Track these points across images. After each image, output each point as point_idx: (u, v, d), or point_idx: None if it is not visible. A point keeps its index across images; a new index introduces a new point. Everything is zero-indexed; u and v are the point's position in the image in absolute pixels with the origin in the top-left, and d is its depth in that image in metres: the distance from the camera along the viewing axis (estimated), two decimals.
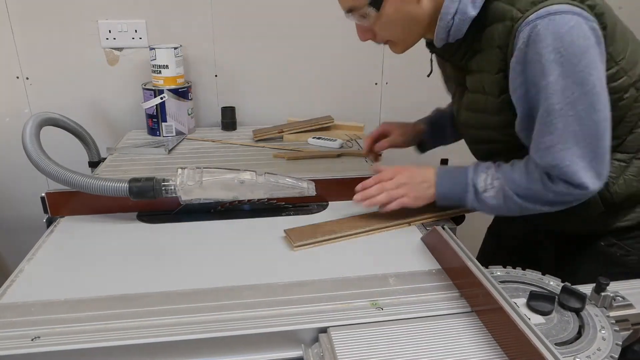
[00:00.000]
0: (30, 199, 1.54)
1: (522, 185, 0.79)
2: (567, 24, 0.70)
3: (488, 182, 0.82)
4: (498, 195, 0.81)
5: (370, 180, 0.90)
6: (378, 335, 0.60)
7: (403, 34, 0.85)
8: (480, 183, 0.83)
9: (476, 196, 0.83)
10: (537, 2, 0.72)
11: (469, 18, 0.78)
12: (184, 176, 0.87)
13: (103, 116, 1.52)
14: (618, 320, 0.65)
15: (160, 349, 0.59)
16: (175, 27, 1.45)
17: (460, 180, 0.84)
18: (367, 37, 0.88)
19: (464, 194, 0.84)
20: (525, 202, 0.80)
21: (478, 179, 0.83)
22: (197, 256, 0.80)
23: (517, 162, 0.82)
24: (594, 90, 0.72)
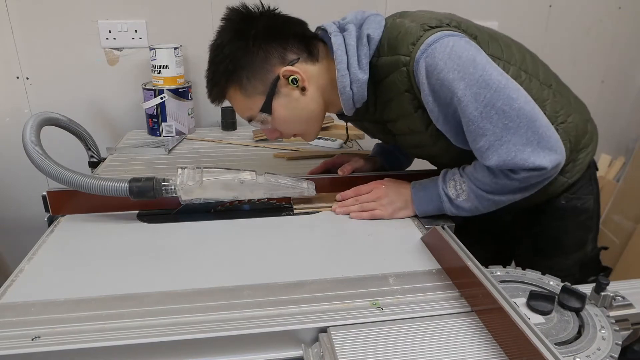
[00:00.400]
0: (30, 199, 1.54)
1: (488, 182, 0.82)
2: (447, 45, 0.77)
3: (458, 188, 0.86)
4: (470, 197, 0.85)
5: (349, 192, 0.95)
6: (378, 335, 0.60)
7: (303, 125, 0.92)
8: (451, 190, 0.87)
9: (451, 204, 0.87)
10: (414, 42, 0.80)
11: (365, 81, 0.84)
12: (184, 176, 0.87)
13: (103, 116, 1.52)
14: (618, 319, 0.65)
15: (160, 349, 0.59)
16: (175, 27, 1.45)
17: (433, 192, 0.89)
18: (275, 136, 0.93)
19: (440, 204, 0.88)
20: (497, 196, 0.84)
21: (447, 187, 0.87)
22: (197, 256, 0.80)
23: (478, 162, 0.84)
24: (501, 84, 0.76)
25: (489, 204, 0.85)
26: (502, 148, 0.77)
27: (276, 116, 0.87)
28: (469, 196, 0.85)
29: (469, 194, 0.85)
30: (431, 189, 0.89)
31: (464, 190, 0.85)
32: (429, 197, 0.89)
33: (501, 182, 0.81)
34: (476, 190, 0.84)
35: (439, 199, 0.88)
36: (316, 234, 0.88)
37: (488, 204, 0.85)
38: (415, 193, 0.91)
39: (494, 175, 0.82)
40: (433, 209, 0.89)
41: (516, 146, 0.77)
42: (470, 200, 0.85)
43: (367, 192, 0.94)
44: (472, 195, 0.85)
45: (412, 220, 0.91)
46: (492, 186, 0.83)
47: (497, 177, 0.81)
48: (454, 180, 0.87)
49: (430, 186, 0.90)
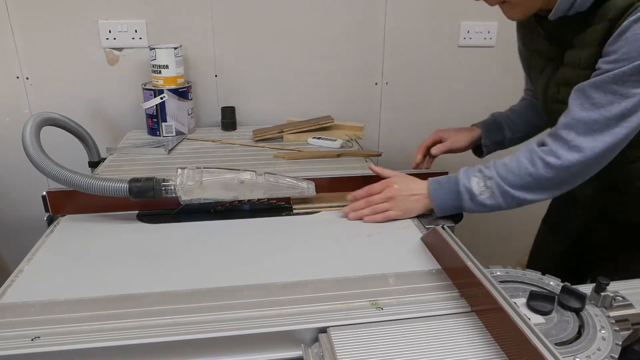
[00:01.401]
0: (30, 199, 1.54)
1: (522, 175, 0.81)
2: None
3: (482, 185, 0.85)
4: (495, 194, 0.84)
5: (360, 192, 0.94)
6: (378, 335, 0.60)
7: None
8: (474, 186, 0.85)
9: (472, 200, 0.85)
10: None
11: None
12: (183, 176, 0.87)
13: (103, 116, 1.52)
14: (618, 320, 0.65)
15: (160, 349, 0.59)
16: (175, 27, 1.45)
17: (454, 188, 0.87)
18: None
19: (459, 201, 0.87)
20: (524, 193, 0.82)
21: (471, 183, 0.85)
22: (197, 256, 0.80)
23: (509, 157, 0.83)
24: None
25: (513, 203, 0.84)
26: (596, 134, 0.75)
27: None
28: (493, 193, 0.84)
29: (494, 191, 0.84)
30: (451, 184, 0.87)
31: (488, 187, 0.84)
32: (448, 192, 0.88)
33: (536, 174, 0.80)
34: (503, 186, 0.83)
35: (459, 195, 0.86)
36: (316, 234, 0.88)
37: (512, 203, 0.84)
38: (433, 188, 0.89)
39: (532, 165, 0.81)
40: (451, 205, 0.88)
41: (607, 144, 0.76)
42: (494, 197, 0.84)
43: (378, 191, 0.92)
44: (497, 192, 0.83)
45: (412, 220, 0.91)
46: (524, 180, 0.81)
47: (535, 167, 0.80)
48: (476, 176, 0.85)
49: (449, 182, 0.88)
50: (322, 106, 1.59)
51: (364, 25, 1.55)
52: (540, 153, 0.81)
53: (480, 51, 1.65)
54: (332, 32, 1.54)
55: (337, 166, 1.20)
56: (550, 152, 0.80)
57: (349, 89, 1.62)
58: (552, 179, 0.81)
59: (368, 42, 1.58)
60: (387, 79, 1.63)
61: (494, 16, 1.62)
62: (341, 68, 1.59)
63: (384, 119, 1.69)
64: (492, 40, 1.64)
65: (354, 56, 1.58)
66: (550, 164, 0.80)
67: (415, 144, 1.76)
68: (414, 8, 1.56)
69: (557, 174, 0.80)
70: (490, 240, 1.92)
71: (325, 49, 1.55)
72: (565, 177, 0.81)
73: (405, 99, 1.67)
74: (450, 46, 1.63)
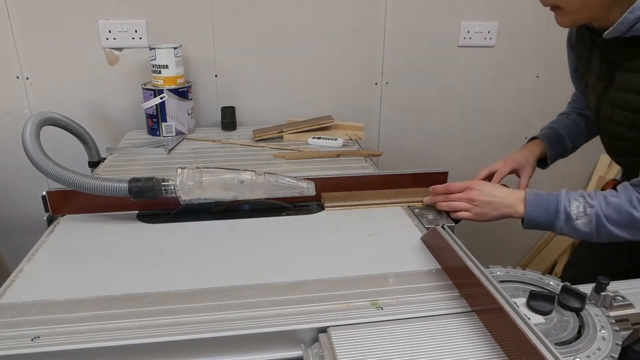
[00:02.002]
0: (30, 199, 1.54)
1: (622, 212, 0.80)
2: None
3: (581, 210, 0.83)
4: (592, 223, 0.82)
5: (440, 187, 0.95)
6: (378, 335, 0.60)
7: (579, 4, 0.80)
8: (574, 210, 0.83)
9: (567, 222, 0.84)
10: None
11: None
12: (183, 176, 0.87)
13: (103, 116, 1.52)
14: (618, 319, 0.65)
15: (160, 349, 0.59)
16: (175, 27, 1.45)
17: (552, 205, 0.85)
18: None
19: (553, 220, 0.85)
20: (620, 230, 0.81)
21: (571, 206, 0.83)
22: (197, 256, 0.80)
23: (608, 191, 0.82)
24: None
25: (607, 237, 0.82)
26: None
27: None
28: (590, 221, 0.82)
29: (592, 219, 0.82)
30: (550, 201, 0.86)
31: (587, 215, 0.82)
32: (545, 208, 0.86)
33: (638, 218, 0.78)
34: (601, 219, 0.81)
35: (556, 213, 0.84)
36: (316, 234, 0.88)
37: (606, 236, 0.82)
38: (531, 199, 0.87)
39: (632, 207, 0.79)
40: (544, 220, 0.86)
41: None
42: (589, 226, 0.82)
43: (458, 191, 0.93)
44: (595, 222, 0.81)
45: (412, 220, 0.91)
46: (624, 218, 0.80)
47: (637, 209, 0.78)
48: (578, 201, 0.83)
49: (549, 198, 0.86)
50: (322, 106, 1.59)
51: (364, 25, 1.55)
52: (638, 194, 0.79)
53: (480, 51, 1.65)
54: (332, 32, 1.54)
55: (338, 166, 1.20)
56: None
57: (349, 89, 1.62)
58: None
59: (368, 42, 1.58)
60: (387, 79, 1.63)
61: (494, 16, 1.62)
62: (341, 68, 1.59)
63: (384, 119, 1.69)
64: (492, 40, 1.64)
65: (354, 56, 1.58)
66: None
67: (416, 144, 1.77)
68: (414, 8, 1.56)
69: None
70: (490, 240, 1.92)
71: (325, 49, 1.55)
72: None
73: (405, 99, 1.67)
74: (450, 46, 1.63)
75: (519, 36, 1.65)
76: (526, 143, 1.13)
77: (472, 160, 1.78)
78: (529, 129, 1.77)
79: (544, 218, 0.86)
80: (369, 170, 1.17)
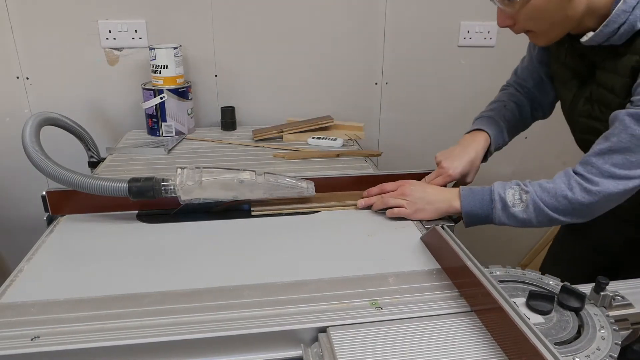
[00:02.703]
0: (30, 199, 1.54)
1: (558, 197, 0.80)
2: None
3: (517, 197, 0.83)
4: (528, 209, 0.82)
5: (374, 189, 0.96)
6: (377, 335, 0.60)
7: (548, 26, 0.82)
8: (509, 197, 0.84)
9: (504, 211, 0.84)
10: None
11: (635, 31, 0.77)
12: (183, 176, 0.87)
13: (103, 116, 1.52)
14: (617, 319, 0.65)
15: (160, 349, 0.59)
16: (175, 27, 1.45)
17: (486, 196, 0.86)
18: (506, 23, 0.85)
19: (490, 210, 0.85)
20: (558, 215, 0.81)
21: (506, 194, 0.84)
22: (197, 256, 0.80)
23: (544, 180, 0.83)
24: None
25: (544, 221, 0.83)
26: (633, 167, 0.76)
27: (533, 2, 0.78)
28: (527, 207, 0.82)
29: (529, 205, 0.82)
30: (485, 192, 0.87)
31: (523, 201, 0.83)
32: (480, 200, 0.86)
33: (573, 198, 0.79)
34: (539, 203, 0.82)
35: (491, 202, 0.85)
36: (316, 234, 0.88)
37: (544, 220, 0.83)
38: (465, 194, 0.88)
39: (569, 188, 0.80)
40: (481, 212, 0.86)
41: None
42: (527, 212, 0.83)
43: (392, 189, 0.94)
44: (532, 208, 0.82)
45: (411, 220, 0.91)
46: (560, 202, 0.81)
47: (573, 191, 0.80)
48: (513, 189, 0.84)
49: (483, 190, 0.87)
50: (322, 106, 1.59)
51: (364, 25, 1.55)
52: (578, 178, 0.80)
53: (480, 51, 1.65)
54: (332, 32, 1.54)
55: (337, 166, 1.20)
56: (587, 178, 0.79)
57: (349, 89, 1.62)
58: (589, 205, 0.79)
59: (368, 42, 1.58)
60: (387, 79, 1.63)
61: (494, 16, 1.62)
62: (341, 68, 1.59)
63: (384, 119, 1.69)
64: (492, 40, 1.64)
65: (354, 56, 1.58)
66: (587, 189, 0.79)
67: (416, 144, 1.77)
68: (413, 8, 1.56)
69: (594, 200, 0.79)
70: (490, 240, 1.92)
71: (325, 49, 1.55)
72: (602, 203, 0.80)
73: (405, 99, 1.67)
74: (450, 46, 1.63)
75: (519, 36, 1.65)
76: (471, 136, 1.05)
77: None
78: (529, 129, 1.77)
79: (480, 210, 0.86)
80: (369, 170, 1.17)
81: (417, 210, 0.90)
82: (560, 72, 0.96)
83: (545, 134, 1.76)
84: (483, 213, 0.86)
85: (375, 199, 0.95)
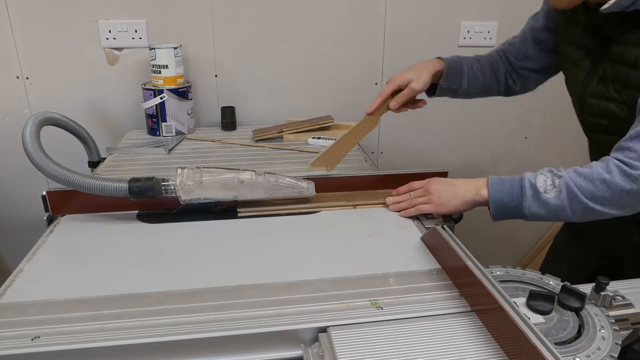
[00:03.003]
0: (30, 199, 1.54)
1: (595, 181, 0.74)
2: None
3: (549, 183, 0.78)
4: (562, 195, 0.76)
5: (403, 187, 0.95)
6: (378, 335, 0.60)
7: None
8: (540, 183, 0.78)
9: (535, 197, 0.78)
10: None
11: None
12: (183, 176, 0.87)
13: (103, 116, 1.52)
14: (618, 319, 0.65)
15: (160, 349, 0.59)
16: (175, 27, 1.45)
17: (516, 183, 0.80)
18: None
19: (520, 197, 0.79)
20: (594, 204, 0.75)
21: (537, 180, 0.79)
22: (197, 256, 0.80)
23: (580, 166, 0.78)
24: None
25: (579, 209, 0.76)
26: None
27: None
28: (560, 193, 0.75)
29: (562, 191, 0.75)
30: (515, 180, 0.81)
31: (556, 186, 0.76)
32: (509, 185, 0.80)
33: (611, 182, 0.73)
34: (572, 188, 0.75)
35: (521, 189, 0.78)
36: (316, 234, 0.88)
37: (578, 209, 0.76)
38: (493, 182, 0.82)
39: (607, 172, 0.73)
40: (510, 201, 0.80)
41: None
42: (560, 198, 0.75)
43: (419, 187, 0.92)
44: (565, 193, 0.75)
45: (412, 220, 0.91)
46: (597, 187, 0.74)
47: (611, 174, 0.73)
48: (545, 175, 0.78)
49: (512, 178, 0.81)
50: (322, 106, 1.59)
51: (364, 25, 1.55)
52: (617, 162, 0.74)
53: (480, 51, 1.64)
54: (332, 32, 1.54)
55: (337, 166, 1.20)
56: (627, 163, 0.73)
57: (349, 89, 1.62)
58: (629, 191, 0.73)
59: (368, 42, 1.58)
60: (387, 79, 1.62)
61: (494, 16, 1.63)
62: (341, 68, 1.59)
63: (384, 119, 1.68)
64: (492, 40, 1.64)
65: (354, 56, 1.58)
66: (628, 173, 0.72)
67: (416, 144, 1.77)
68: (414, 8, 1.56)
69: (635, 187, 0.72)
70: (490, 240, 1.92)
71: (325, 49, 1.55)
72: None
73: None
74: (450, 46, 1.63)
75: None
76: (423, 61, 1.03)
77: (472, 160, 1.78)
78: (529, 129, 1.77)
79: (509, 199, 0.80)
80: (369, 170, 1.17)
81: (441, 204, 0.87)
82: (570, 52, 0.92)
83: (545, 134, 1.76)
84: (512, 202, 0.80)
85: (405, 203, 0.92)
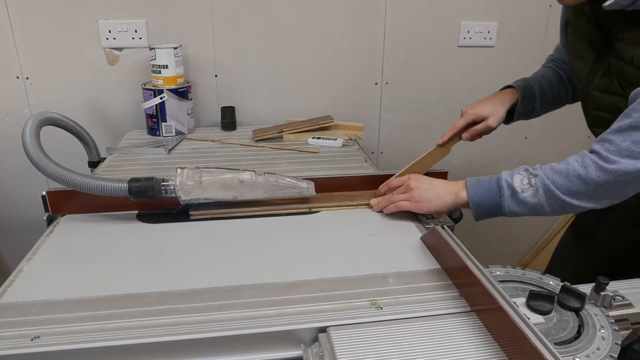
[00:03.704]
0: (30, 199, 1.54)
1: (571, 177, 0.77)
2: None
3: (525, 182, 0.80)
4: (539, 193, 0.79)
5: (383, 186, 0.96)
6: (377, 335, 0.60)
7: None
8: (517, 183, 0.81)
9: (513, 197, 0.81)
10: None
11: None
12: (183, 176, 0.87)
13: (103, 116, 1.52)
14: (617, 319, 0.65)
15: (160, 349, 0.59)
16: (175, 27, 1.45)
17: (493, 184, 0.83)
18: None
19: (498, 198, 0.82)
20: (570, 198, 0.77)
21: (514, 180, 0.81)
22: (197, 256, 0.80)
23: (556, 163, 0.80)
24: None
25: (556, 206, 0.78)
26: None
27: None
28: (537, 192, 0.78)
29: (538, 189, 0.78)
30: (492, 180, 0.83)
31: (532, 185, 0.79)
32: (487, 186, 0.83)
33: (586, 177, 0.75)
34: (549, 186, 0.78)
35: (499, 190, 0.81)
36: (316, 234, 0.88)
37: (555, 205, 0.78)
38: (472, 184, 0.85)
39: (582, 167, 0.76)
40: (489, 202, 0.83)
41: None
42: (537, 197, 0.78)
43: (398, 185, 0.93)
44: (542, 191, 0.78)
45: (412, 220, 0.91)
46: (572, 182, 0.76)
47: (587, 169, 0.75)
48: (521, 174, 0.81)
49: (490, 179, 0.84)
50: (322, 106, 1.59)
51: (364, 25, 1.55)
52: (593, 156, 0.76)
53: (480, 51, 1.65)
54: (332, 32, 1.54)
55: (337, 166, 1.20)
56: (603, 156, 0.75)
57: (349, 89, 1.62)
58: (604, 184, 0.75)
59: (368, 42, 1.58)
60: (387, 79, 1.63)
61: (494, 16, 1.62)
62: (341, 68, 1.59)
63: (384, 119, 1.69)
64: (492, 40, 1.64)
65: (354, 56, 1.58)
66: (603, 167, 0.74)
67: (415, 144, 1.77)
68: (413, 8, 1.56)
69: (610, 180, 0.74)
70: (490, 240, 1.92)
71: (325, 49, 1.55)
72: (618, 185, 0.75)
73: (405, 99, 1.67)
74: (450, 46, 1.63)
75: (519, 36, 1.65)
76: (498, 91, 1.06)
77: (472, 160, 1.78)
78: (529, 129, 1.77)
79: (488, 199, 0.83)
80: (369, 170, 1.17)
81: (421, 202, 0.88)
82: (576, 43, 0.93)
83: (545, 134, 1.76)
84: (491, 202, 0.83)
85: (385, 202, 0.93)
